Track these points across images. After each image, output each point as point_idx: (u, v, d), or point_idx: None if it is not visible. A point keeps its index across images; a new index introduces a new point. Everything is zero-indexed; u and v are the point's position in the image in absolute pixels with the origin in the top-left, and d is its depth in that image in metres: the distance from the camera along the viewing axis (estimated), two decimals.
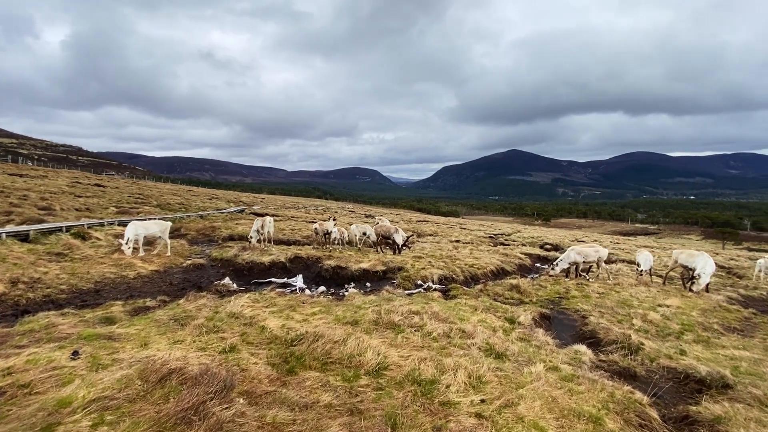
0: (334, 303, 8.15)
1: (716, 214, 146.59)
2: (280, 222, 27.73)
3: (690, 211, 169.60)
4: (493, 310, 8.51)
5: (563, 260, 13.21)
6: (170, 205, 38.12)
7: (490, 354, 5.53)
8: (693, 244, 77.13)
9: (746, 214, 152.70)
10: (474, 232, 41.98)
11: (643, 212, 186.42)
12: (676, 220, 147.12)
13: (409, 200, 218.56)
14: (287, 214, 42.02)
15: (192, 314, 6.13)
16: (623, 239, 61.56)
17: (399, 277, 12.30)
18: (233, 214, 35.38)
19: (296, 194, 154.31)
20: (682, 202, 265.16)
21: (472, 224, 63.94)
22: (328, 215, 44.24)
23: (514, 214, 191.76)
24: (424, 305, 8.23)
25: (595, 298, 10.42)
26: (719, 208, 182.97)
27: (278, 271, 12.30)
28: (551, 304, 9.80)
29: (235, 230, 20.07)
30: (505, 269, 16.38)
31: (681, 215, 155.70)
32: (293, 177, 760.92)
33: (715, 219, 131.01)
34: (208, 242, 17.96)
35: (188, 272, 11.20)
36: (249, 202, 59.31)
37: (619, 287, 11.97)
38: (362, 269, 12.38)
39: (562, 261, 13.22)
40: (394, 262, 13.69)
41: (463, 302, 9.05)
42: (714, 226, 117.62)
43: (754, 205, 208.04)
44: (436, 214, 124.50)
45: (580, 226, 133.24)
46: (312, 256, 13.94)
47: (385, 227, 16.44)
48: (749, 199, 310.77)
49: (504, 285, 11.39)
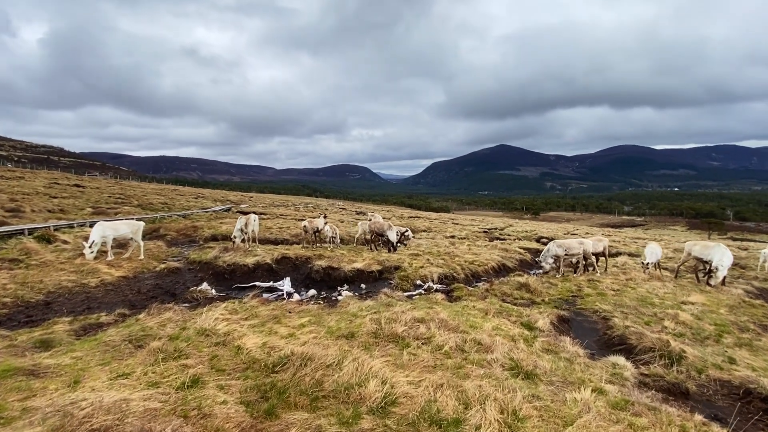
0: (326, 310, 7.10)
1: (700, 205, 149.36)
2: (267, 220, 26.47)
3: (674, 202, 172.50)
4: (506, 313, 7.55)
5: (546, 255, 12.39)
6: (152, 204, 36.50)
7: (517, 373, 4.56)
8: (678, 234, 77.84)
9: (728, 204, 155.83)
10: (467, 227, 41.22)
11: (629, 204, 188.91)
12: (661, 212, 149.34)
13: (400, 196, 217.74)
14: (276, 212, 40.68)
15: (153, 332, 5.01)
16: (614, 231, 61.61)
17: (396, 278, 11.29)
18: (218, 213, 33.93)
19: (285, 192, 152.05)
20: (666, 194, 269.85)
21: (463, 219, 63.28)
22: (319, 212, 43.05)
23: (504, 208, 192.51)
24: (428, 310, 7.24)
25: (612, 295, 9.56)
26: (702, 200, 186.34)
27: (263, 273, 11.17)
28: (566, 304, 8.90)
29: (218, 230, 18.83)
30: (506, 265, 15.50)
31: (666, 207, 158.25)
32: (282, 175, 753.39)
33: (699, 210, 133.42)
34: (189, 243, 16.70)
35: (161, 277, 10.01)
36: (236, 200, 57.69)
37: (633, 283, 11.16)
38: (356, 269, 11.34)
39: (545, 256, 12.39)
40: (390, 260, 12.67)
41: (470, 305, 8.08)
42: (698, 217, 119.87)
43: (735, 196, 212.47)
44: (426, 210, 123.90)
45: (568, 219, 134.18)
46: (301, 256, 12.84)
47: (379, 224, 15.40)
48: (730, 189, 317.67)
49: (511, 283, 10.46)
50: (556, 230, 49.46)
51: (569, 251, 12.22)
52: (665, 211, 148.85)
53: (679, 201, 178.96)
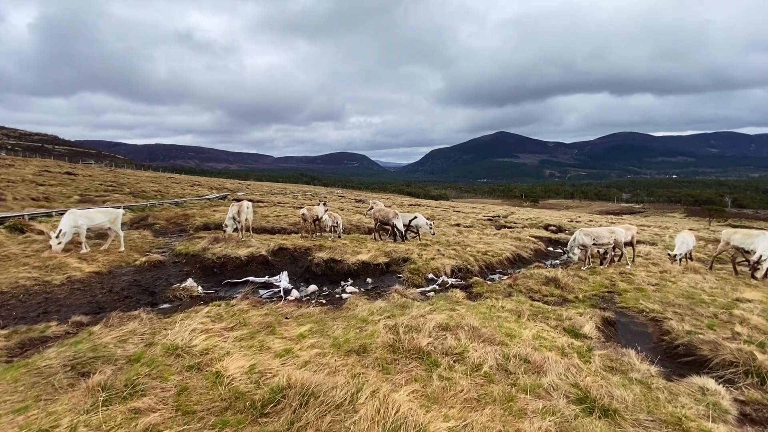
0: (329, 314, 5.93)
1: (698, 192, 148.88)
2: (264, 208, 25.19)
3: (673, 189, 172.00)
4: (542, 316, 6.42)
5: (572, 245, 11.26)
6: (145, 192, 35.17)
7: (590, 408, 3.42)
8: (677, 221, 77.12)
9: (726, 191, 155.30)
10: (471, 215, 40.10)
11: (627, 192, 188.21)
12: (659, 199, 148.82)
13: (398, 184, 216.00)
14: (273, 200, 39.37)
15: (107, 352, 3.85)
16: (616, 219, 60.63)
17: (406, 271, 10.14)
18: (213, 201, 32.65)
19: (284, 180, 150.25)
20: (665, 181, 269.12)
21: (464, 207, 62.14)
22: (318, 200, 41.78)
23: (503, 196, 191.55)
24: (450, 313, 6.10)
25: (652, 291, 8.44)
26: (700, 186, 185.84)
27: (258, 266, 10.00)
28: (603, 302, 7.78)
29: (211, 218, 17.59)
30: (521, 256, 14.39)
31: (664, 194, 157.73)
32: (280, 163, 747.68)
33: (697, 197, 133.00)
34: (179, 233, 15.48)
35: (141, 272, 8.82)
36: (233, 188, 56.31)
37: (669, 275, 10.05)
38: (361, 262, 10.17)
39: (572, 246, 11.26)
40: (397, 252, 11.51)
41: (497, 305, 6.95)
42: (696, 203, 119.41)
43: (733, 183, 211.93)
44: (425, 197, 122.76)
45: (567, 206, 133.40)
46: (300, 247, 11.65)
47: (384, 211, 14.20)
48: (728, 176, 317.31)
49: (536, 277, 9.33)
50: (559, 217, 48.45)
51: (598, 241, 11.07)
52: (663, 198, 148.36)
53: (677, 188, 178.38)
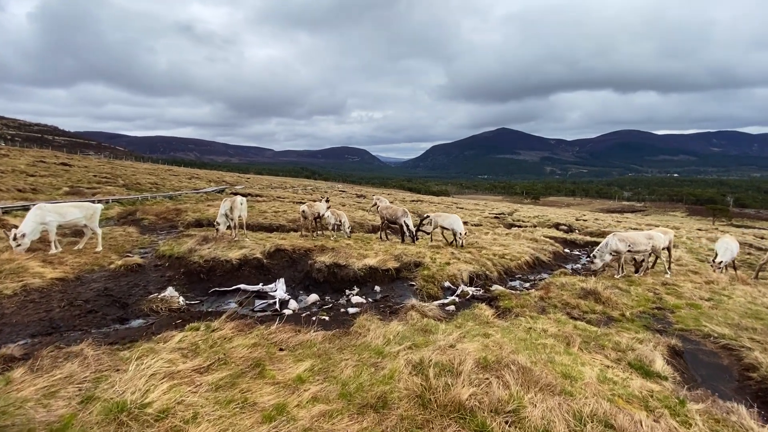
0: (335, 342, 4.73)
1: (700, 191, 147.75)
2: (262, 203, 23.96)
3: (674, 188, 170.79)
4: (595, 344, 5.24)
5: (602, 250, 9.89)
6: (140, 185, 33.95)
7: None
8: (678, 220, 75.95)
9: (728, 191, 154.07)
10: (475, 212, 38.91)
11: (628, 190, 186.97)
12: (661, 198, 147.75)
13: (399, 180, 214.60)
14: (272, 194, 38.15)
15: (20, 417, 2.67)
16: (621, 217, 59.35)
17: (420, 278, 8.95)
18: (210, 195, 31.42)
19: (284, 174, 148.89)
20: (666, 179, 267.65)
21: (467, 204, 60.85)
22: (319, 195, 40.52)
23: (504, 192, 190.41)
24: (484, 339, 4.93)
25: (708, 308, 7.27)
26: (702, 186, 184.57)
27: (251, 271, 8.80)
28: (656, 322, 6.60)
29: (204, 213, 16.40)
30: (540, 260, 13.21)
31: (666, 192, 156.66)
32: (280, 157, 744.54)
33: (699, 196, 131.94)
34: (169, 229, 14.29)
35: (115, 278, 7.62)
36: (232, 181, 55.07)
37: (717, 286, 8.88)
38: (368, 267, 8.98)
39: (602, 252, 9.89)
40: (407, 254, 10.32)
41: (537, 327, 5.77)
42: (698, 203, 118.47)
43: (735, 182, 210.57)
44: (426, 193, 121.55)
45: (568, 204, 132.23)
46: (299, 249, 10.46)
47: (391, 209, 12.99)
48: (730, 176, 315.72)
49: (570, 288, 8.14)
50: (564, 215, 47.26)
51: (634, 247, 9.85)
52: (665, 197, 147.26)
53: (678, 187, 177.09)
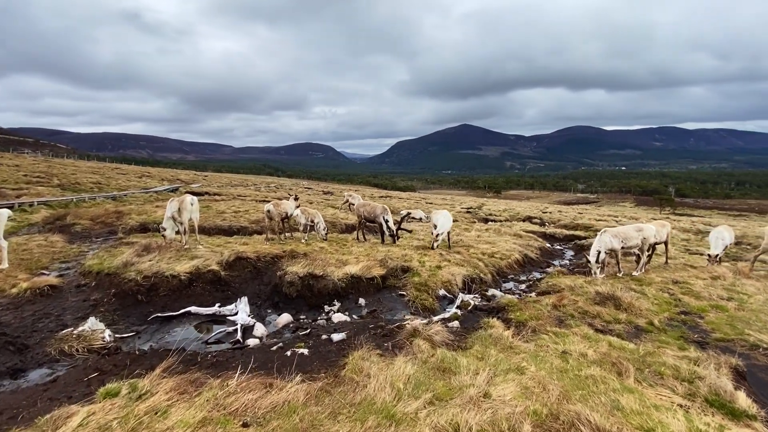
0: (324, 400, 3.31)
1: (645, 182, 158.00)
2: (221, 202, 21.70)
3: (623, 180, 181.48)
4: (651, 373, 4.19)
5: (598, 250, 8.91)
6: (79, 184, 30.27)
7: None
8: (628, 210, 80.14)
9: (669, 182, 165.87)
10: (444, 207, 38.32)
11: (582, 182, 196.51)
12: (611, 189, 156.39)
13: (365, 176, 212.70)
14: (232, 192, 35.49)
15: None
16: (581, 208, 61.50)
17: (410, 286, 7.67)
18: (162, 194, 28.52)
19: (245, 171, 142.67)
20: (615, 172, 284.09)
21: (434, 199, 60.51)
22: (284, 193, 38.26)
23: (467, 187, 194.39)
24: (518, 377, 3.74)
25: (734, 309, 6.54)
26: (647, 177, 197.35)
27: (205, 288, 7.14)
28: (690, 331, 5.73)
29: (152, 216, 14.26)
30: (529, 257, 12.37)
31: (615, 184, 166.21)
32: (241, 154, 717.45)
33: (645, 187, 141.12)
34: (107, 236, 12.13)
35: (17, 308, 5.74)
36: (188, 180, 51.23)
37: (725, 282, 8.30)
38: (350, 276, 7.58)
39: (597, 250, 8.91)
40: (392, 258, 9.01)
41: (571, 349, 4.66)
42: (645, 194, 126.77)
43: (675, 174, 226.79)
44: (393, 189, 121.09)
45: (528, 197, 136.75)
46: (265, 256, 8.86)
47: (369, 206, 11.61)
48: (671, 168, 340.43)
49: (583, 293, 7.17)
50: (529, 208, 48.02)
51: (627, 242, 9.09)
52: (615, 189, 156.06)
53: (626, 179, 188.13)
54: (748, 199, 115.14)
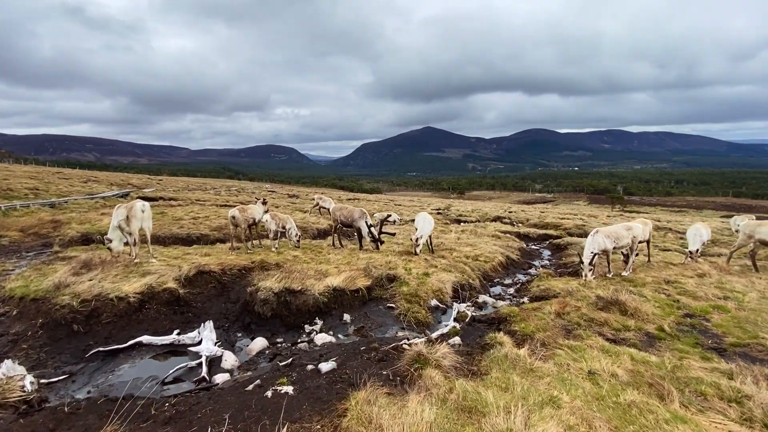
0: None
1: (596, 182, 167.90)
2: (177, 208, 19.88)
3: (576, 180, 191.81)
4: (693, 394, 3.70)
5: (590, 249, 8.57)
6: (11, 191, 26.94)
7: None
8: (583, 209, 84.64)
9: (617, 181, 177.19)
10: (413, 208, 38.04)
11: (539, 183, 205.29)
12: (566, 189, 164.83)
13: (331, 178, 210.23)
14: (190, 197, 33.08)
15: None
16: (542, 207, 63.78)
17: (399, 298, 6.94)
18: (110, 200, 25.96)
19: (203, 175, 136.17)
20: (569, 173, 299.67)
21: (402, 200, 60.33)
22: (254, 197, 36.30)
23: (432, 188, 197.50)
24: (554, 411, 3.13)
25: (735, 309, 6.35)
26: (597, 177, 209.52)
27: (160, 311, 6.02)
28: (702, 335, 5.41)
29: (96, 225, 12.61)
30: (511, 258, 12.04)
31: (570, 184, 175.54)
32: (198, 156, 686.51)
33: (596, 186, 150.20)
34: (41, 249, 10.46)
35: None
36: (140, 184, 47.56)
37: (710, 279, 8.24)
38: (332, 289, 6.73)
39: (589, 251, 8.54)
40: (376, 266, 8.25)
41: (595, 367, 4.11)
42: (596, 192, 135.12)
43: (622, 174, 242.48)
44: (359, 191, 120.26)
45: (490, 197, 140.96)
46: (231, 268, 7.81)
47: (347, 210, 10.77)
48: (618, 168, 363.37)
49: (583, 298, 6.76)
50: (494, 208, 48.98)
51: (618, 242, 8.89)
52: (569, 188, 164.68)
53: (579, 179, 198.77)
54: (686, 196, 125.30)
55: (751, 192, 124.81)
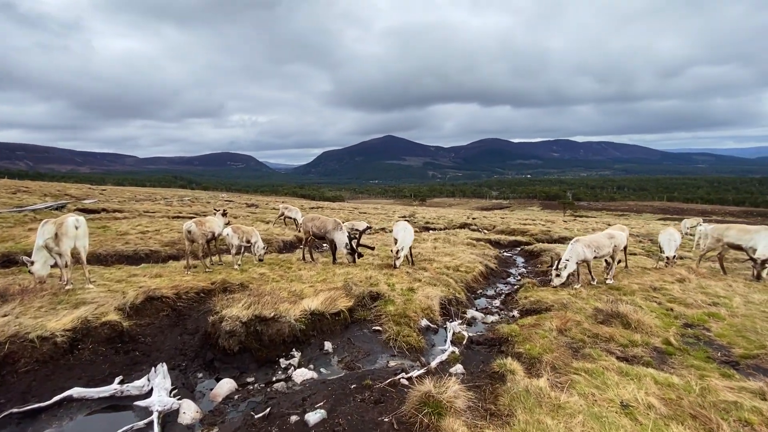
0: None
1: (548, 189, 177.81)
2: (122, 222, 17.81)
3: (529, 187, 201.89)
4: (742, 425, 3.30)
5: (569, 259, 8.24)
6: None
7: None
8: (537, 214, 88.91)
9: (566, 187, 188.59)
10: (379, 216, 37.53)
11: (495, 190, 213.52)
12: (520, 195, 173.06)
13: (291, 186, 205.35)
14: (138, 208, 30.34)
15: None
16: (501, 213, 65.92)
17: (386, 319, 6.21)
18: (41, 213, 23.07)
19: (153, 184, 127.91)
20: (522, 180, 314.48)
21: (367, 208, 59.78)
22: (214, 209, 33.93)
23: (394, 196, 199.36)
24: None
25: (729, 316, 6.23)
26: (548, 184, 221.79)
27: (98, 350, 4.88)
28: (709, 348, 5.15)
29: (22, 243, 10.79)
30: (490, 267, 11.71)
31: (523, 191, 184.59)
32: (147, 165, 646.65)
33: (548, 193, 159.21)
34: None
35: None
36: (80, 194, 43.21)
37: (691, 284, 8.26)
38: (309, 313, 5.88)
39: (568, 261, 8.22)
40: (355, 282, 7.48)
41: (628, 397, 3.63)
42: (548, 198, 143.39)
43: (570, 181, 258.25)
44: (321, 200, 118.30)
45: (450, 204, 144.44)
46: (188, 291, 6.72)
47: (319, 221, 9.90)
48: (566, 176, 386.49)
49: (582, 311, 6.39)
50: (457, 215, 49.62)
51: (599, 252, 8.72)
52: (523, 195, 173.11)
53: (532, 186, 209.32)
54: (628, 201, 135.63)
55: (682, 196, 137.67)
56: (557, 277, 8.23)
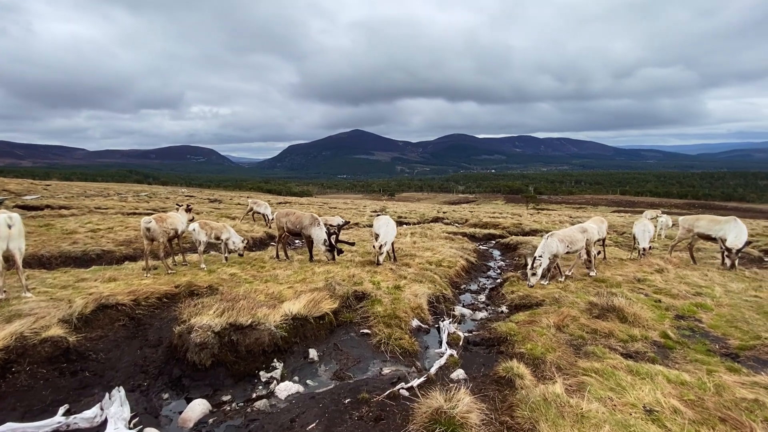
0: None
1: (511, 183, 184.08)
2: (69, 219, 16.10)
3: (494, 181, 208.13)
4: None
5: (542, 255, 8.01)
6: None
7: None
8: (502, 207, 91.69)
9: (529, 182, 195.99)
10: (350, 210, 36.88)
11: (462, 184, 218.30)
12: (486, 189, 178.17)
13: (256, 181, 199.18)
14: (88, 204, 27.90)
15: None
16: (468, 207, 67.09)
17: (374, 321, 5.74)
18: None
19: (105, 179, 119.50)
20: (487, 175, 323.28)
21: (337, 203, 58.81)
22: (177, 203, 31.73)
23: (363, 191, 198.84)
24: None
25: (715, 306, 6.28)
26: (511, 179, 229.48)
27: (38, 373, 4.07)
28: (707, 339, 5.09)
29: None
30: (470, 261, 11.52)
31: (488, 185, 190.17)
32: (98, 158, 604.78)
33: (512, 187, 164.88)
34: None
35: None
36: (20, 190, 39.31)
37: (669, 274, 8.39)
38: (291, 318, 5.30)
39: (541, 257, 7.98)
40: (338, 281, 6.94)
41: (650, 400, 3.38)
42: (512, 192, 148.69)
43: (532, 175, 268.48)
44: (288, 194, 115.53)
45: (419, 199, 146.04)
46: (148, 297, 5.92)
47: (294, 216, 9.23)
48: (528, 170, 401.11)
49: (575, 305, 6.21)
50: (427, 209, 49.91)
51: (572, 246, 8.58)
52: (488, 189, 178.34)
53: (496, 180, 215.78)
54: (584, 194, 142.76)
55: (633, 190, 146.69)
56: (533, 276, 7.99)
